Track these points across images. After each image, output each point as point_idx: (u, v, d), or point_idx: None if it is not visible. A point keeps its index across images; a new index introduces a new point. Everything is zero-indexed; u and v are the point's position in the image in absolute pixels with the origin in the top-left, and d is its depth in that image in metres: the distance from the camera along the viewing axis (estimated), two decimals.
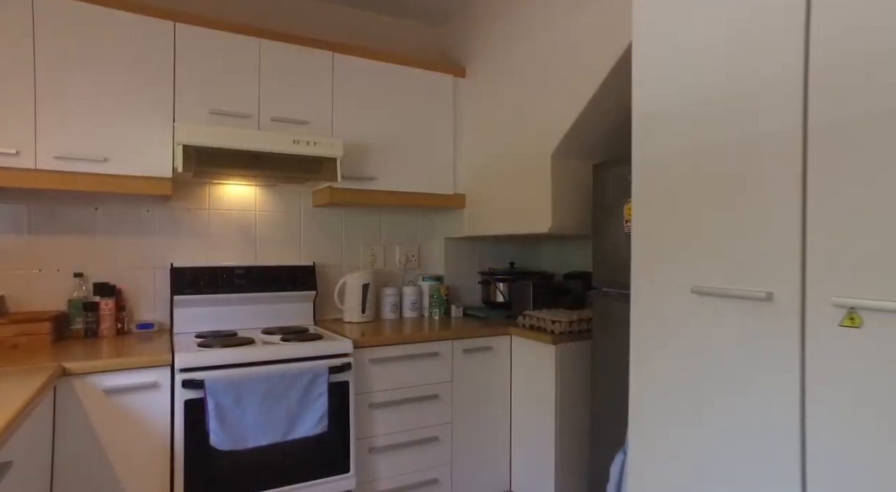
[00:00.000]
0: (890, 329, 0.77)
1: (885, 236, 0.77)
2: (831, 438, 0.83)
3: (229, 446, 1.65)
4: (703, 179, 1.05)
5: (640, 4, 1.20)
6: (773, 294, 0.91)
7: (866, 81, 0.79)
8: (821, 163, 0.86)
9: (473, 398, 2.23)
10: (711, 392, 1.01)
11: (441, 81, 2.54)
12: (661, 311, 1.13)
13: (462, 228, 2.63)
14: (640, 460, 1.16)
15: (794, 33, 0.89)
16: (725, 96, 1.01)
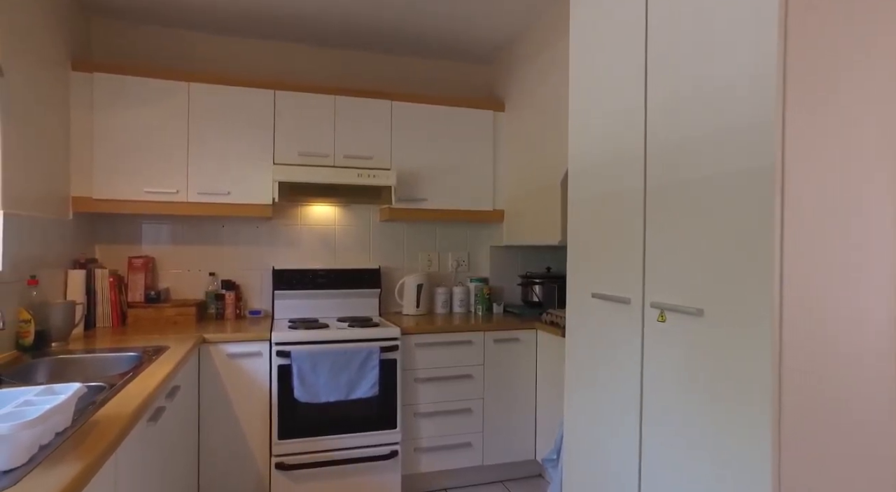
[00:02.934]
0: (680, 323, 1.16)
1: (677, 264, 1.16)
2: (653, 390, 1.22)
3: (307, 399, 2.31)
4: (599, 216, 1.46)
5: (573, 98, 1.63)
6: (630, 299, 1.32)
7: (670, 163, 1.17)
8: (651, 212, 1.26)
9: (502, 380, 2.72)
10: (602, 362, 1.43)
11: (482, 116, 3.04)
12: (579, 308, 1.56)
13: (502, 238, 3.11)
14: (568, 414, 1.58)
15: (639, 127, 1.28)
16: (610, 163, 1.42)
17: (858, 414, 1.04)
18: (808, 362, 1.00)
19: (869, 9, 1.03)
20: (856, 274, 1.03)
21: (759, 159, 1.00)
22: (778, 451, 0.97)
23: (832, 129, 1.01)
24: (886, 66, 1.05)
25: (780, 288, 0.97)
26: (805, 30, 0.99)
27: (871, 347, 1.05)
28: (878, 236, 1.05)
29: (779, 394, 0.97)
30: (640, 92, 1.33)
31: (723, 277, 1.08)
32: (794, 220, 0.99)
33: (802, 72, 0.99)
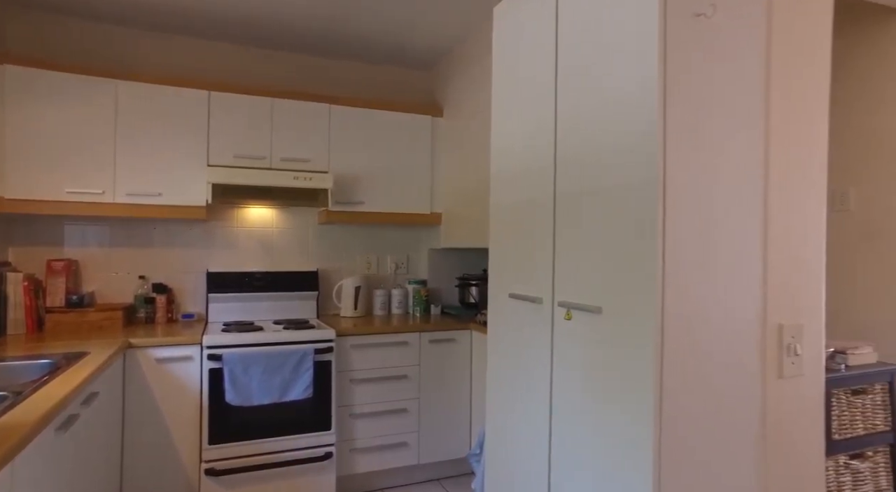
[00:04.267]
0: (583, 321, 1.26)
1: (581, 265, 1.26)
2: (561, 384, 1.31)
3: (239, 402, 2.29)
4: (516, 221, 1.56)
5: (495, 109, 1.72)
6: (542, 299, 1.42)
7: (575, 172, 1.27)
8: (560, 218, 1.36)
9: (438, 379, 2.79)
10: (518, 359, 1.52)
11: (421, 121, 3.11)
12: (498, 308, 1.64)
13: (440, 240, 3.19)
14: (490, 409, 1.66)
15: (549, 138, 1.38)
16: (525, 171, 1.52)
17: (728, 400, 1.16)
18: (686, 354, 1.11)
19: (733, 46, 1.17)
20: (727, 276, 1.16)
21: (646, 171, 1.11)
22: (658, 436, 1.08)
23: (706, 146, 1.14)
24: (751, 92, 1.19)
25: (662, 288, 1.08)
26: (681, 61, 1.11)
27: (741, 343, 1.18)
28: (746, 242, 1.18)
29: (660, 383, 1.08)
30: (551, 105, 1.43)
31: (618, 276, 1.18)
32: (673, 227, 1.10)
33: (680, 96, 1.10)
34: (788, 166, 1.24)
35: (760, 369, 1.21)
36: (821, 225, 1.29)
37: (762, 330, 1.20)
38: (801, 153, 1.25)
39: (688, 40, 1.12)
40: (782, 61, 1.22)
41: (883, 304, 2.49)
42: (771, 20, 1.21)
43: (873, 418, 1.69)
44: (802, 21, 1.25)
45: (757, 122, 1.19)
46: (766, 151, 1.20)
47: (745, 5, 1.17)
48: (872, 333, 2.51)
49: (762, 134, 1.20)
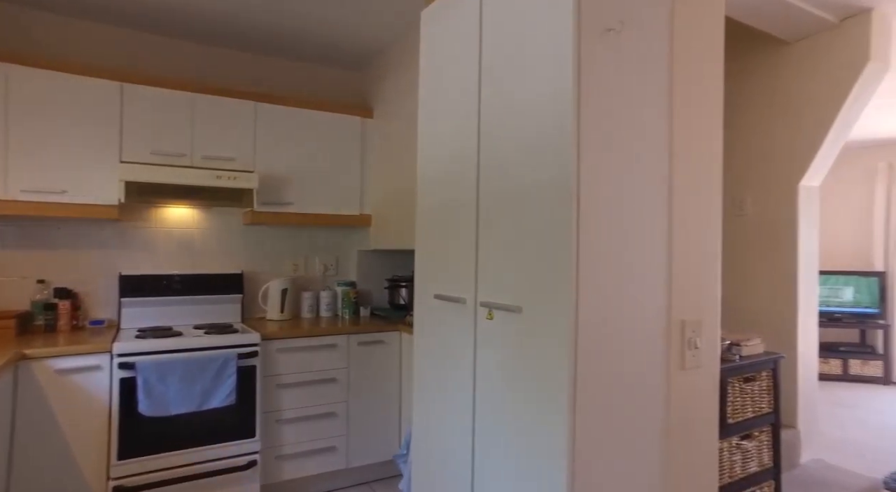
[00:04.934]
0: (505, 321, 1.31)
1: (502, 266, 1.31)
2: (483, 383, 1.35)
3: (154, 413, 2.17)
4: (441, 223, 1.59)
5: (422, 109, 1.75)
6: (465, 299, 1.46)
7: (497, 173, 1.32)
8: (483, 218, 1.41)
9: (367, 382, 2.77)
10: (444, 356, 1.56)
11: (351, 122, 3.08)
12: (424, 309, 1.67)
13: (369, 242, 3.17)
14: (415, 410, 1.67)
15: (473, 140, 1.42)
16: (450, 172, 1.56)
17: (636, 392, 1.25)
18: (599, 350, 1.18)
19: (640, 60, 1.26)
20: (636, 276, 1.24)
21: (561, 175, 1.17)
22: (573, 429, 1.14)
23: (617, 153, 1.21)
24: (656, 104, 1.28)
25: (577, 287, 1.14)
26: (593, 72, 1.18)
27: (648, 339, 1.26)
28: (653, 244, 1.27)
29: (574, 378, 1.14)
30: (475, 109, 1.47)
31: (536, 277, 1.23)
32: (586, 229, 1.16)
33: (592, 105, 1.18)
34: (689, 174, 1.34)
35: (665, 362, 1.30)
36: (717, 229, 1.41)
37: (667, 326, 1.30)
38: (700, 163, 1.37)
39: (599, 53, 1.19)
40: (682, 80, 1.33)
41: (772, 297, 2.74)
42: (672, 40, 1.31)
43: (760, 401, 1.87)
44: (699, 43, 1.36)
45: (662, 132, 1.29)
46: (670, 159, 1.30)
47: (649, 25, 1.27)
48: (763, 323, 2.77)
49: (666, 144, 1.30)
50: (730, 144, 2.95)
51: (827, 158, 2.60)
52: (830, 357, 4.94)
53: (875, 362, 4.88)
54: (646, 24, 1.26)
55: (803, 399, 2.67)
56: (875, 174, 5.23)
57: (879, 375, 4.87)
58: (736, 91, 2.93)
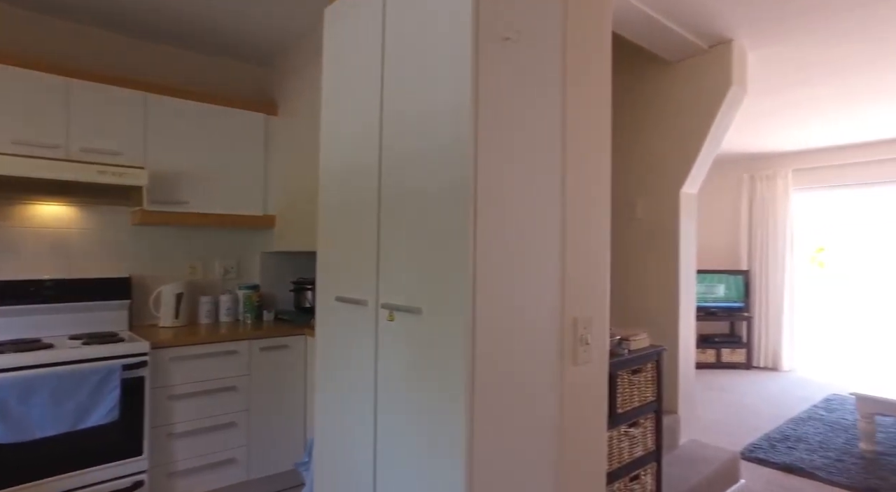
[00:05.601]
0: (405, 322, 1.33)
1: (403, 267, 1.32)
2: (385, 385, 1.36)
3: (13, 438, 1.93)
4: (343, 224, 1.58)
5: (325, 109, 1.72)
6: (367, 301, 1.46)
7: (398, 175, 1.33)
8: (384, 220, 1.41)
9: (271, 388, 2.66)
10: (346, 359, 1.54)
11: (254, 118, 2.95)
12: (325, 312, 1.65)
13: (273, 244, 3.05)
14: (318, 415, 1.64)
15: (375, 141, 1.43)
16: (353, 173, 1.55)
17: (532, 388, 1.31)
18: (496, 349, 1.23)
19: (536, 70, 1.33)
20: (531, 276, 1.30)
21: (459, 178, 1.20)
22: (471, 429, 1.17)
23: (514, 158, 1.27)
24: (551, 113, 1.36)
25: (473, 288, 1.18)
26: (492, 79, 1.23)
27: (543, 336, 1.33)
28: (548, 245, 1.34)
29: (472, 378, 1.18)
30: (377, 109, 1.47)
31: (435, 277, 1.26)
32: (483, 230, 1.21)
33: (491, 110, 1.22)
34: (581, 180, 1.44)
35: (559, 359, 1.38)
36: (606, 232, 1.52)
37: (560, 323, 1.38)
38: (591, 170, 1.47)
39: (497, 61, 1.24)
40: (575, 91, 1.42)
41: (658, 295, 3.00)
42: (565, 53, 1.39)
43: (646, 391, 2.04)
44: (589, 56, 1.46)
45: (556, 140, 1.37)
46: (563, 166, 1.39)
47: (543, 37, 1.34)
48: (651, 319, 3.02)
49: (560, 151, 1.38)
50: (623, 153, 3.18)
51: (702, 168, 2.89)
52: (706, 347, 5.50)
53: (740, 350, 5.51)
54: (540, 36, 1.34)
55: (683, 387, 2.94)
56: (741, 184, 5.90)
57: (743, 361, 5.51)
58: (629, 104, 3.18)
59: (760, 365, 5.58)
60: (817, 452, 3.21)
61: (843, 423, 3.73)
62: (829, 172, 5.43)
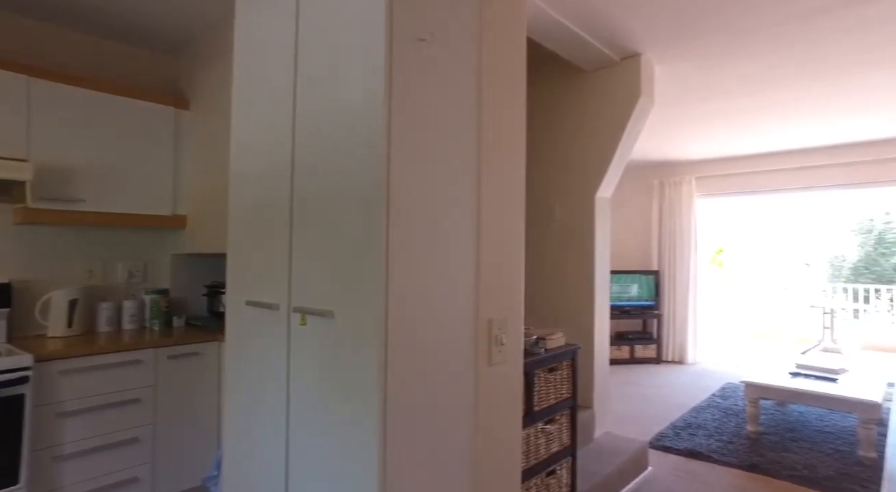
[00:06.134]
0: (318, 326, 1.28)
1: (316, 269, 1.28)
2: (298, 387, 1.31)
3: None
4: (255, 225, 1.51)
5: (236, 104, 1.64)
6: (278, 305, 1.40)
7: (311, 175, 1.29)
8: (297, 220, 1.36)
9: (180, 399, 2.49)
10: (257, 366, 1.47)
11: (162, 112, 2.75)
12: (236, 317, 1.57)
13: (184, 245, 2.86)
14: (227, 425, 1.55)
15: (288, 139, 1.37)
16: (265, 172, 1.48)
17: (447, 390, 1.31)
18: (410, 352, 1.21)
19: (451, 73, 1.33)
20: (446, 278, 1.30)
21: (371, 179, 1.17)
22: (383, 433, 1.15)
23: (429, 160, 1.27)
24: (466, 117, 1.37)
25: (386, 291, 1.16)
26: (405, 80, 1.21)
27: (459, 338, 1.34)
28: (462, 247, 1.35)
29: (385, 382, 1.16)
30: (290, 107, 1.41)
31: (348, 280, 1.22)
32: (397, 233, 1.19)
33: (404, 111, 1.21)
34: (496, 183, 1.46)
35: (474, 360, 1.39)
36: (520, 234, 1.55)
37: (475, 325, 1.39)
38: (505, 172, 1.49)
39: (411, 62, 1.23)
40: (490, 94, 1.44)
41: (574, 295, 3.13)
42: (480, 56, 1.41)
43: (561, 389, 2.11)
44: (504, 59, 1.49)
45: (471, 142, 1.38)
46: (478, 168, 1.40)
47: (458, 40, 1.35)
48: (569, 318, 3.14)
49: (475, 153, 1.39)
50: (543, 157, 3.29)
51: (615, 173, 3.05)
52: (621, 344, 5.81)
53: (652, 346, 5.87)
54: (455, 39, 1.34)
55: (598, 382, 3.08)
56: (652, 190, 6.30)
57: (654, 356, 5.87)
58: (548, 110, 3.29)
59: (669, 359, 5.97)
60: (713, 436, 3.48)
61: (735, 408, 4.07)
62: (727, 181, 5.92)
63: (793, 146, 5.20)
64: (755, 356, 6.23)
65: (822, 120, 4.21)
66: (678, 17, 2.42)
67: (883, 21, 2.43)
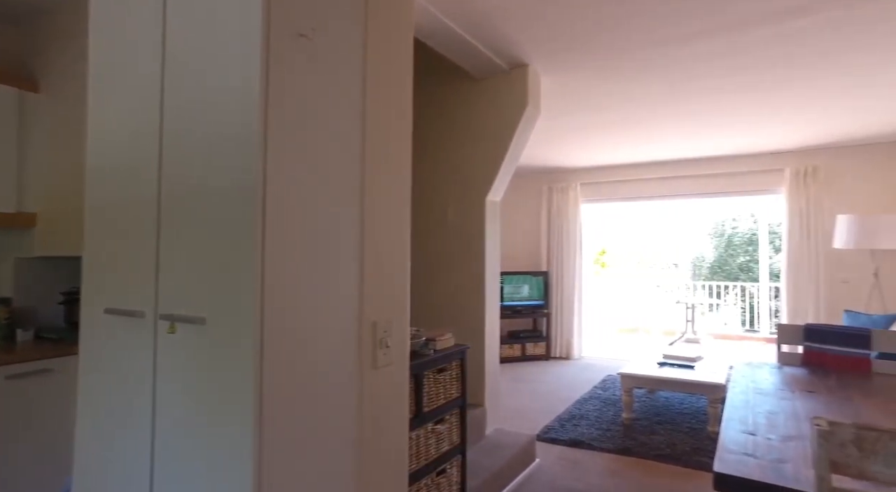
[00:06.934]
0: (188, 334, 1.18)
1: (187, 273, 1.18)
2: (165, 401, 1.19)
3: None
4: (116, 224, 1.36)
5: (92, 91, 1.47)
6: (143, 312, 1.27)
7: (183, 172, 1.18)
8: (165, 221, 1.25)
9: (22, 425, 2.17)
10: (118, 380, 1.32)
11: (3, 93, 2.39)
12: (92, 327, 1.40)
13: (33, 247, 2.51)
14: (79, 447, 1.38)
15: (155, 133, 1.26)
16: (128, 167, 1.34)
17: (330, 397, 1.27)
18: (290, 358, 1.16)
19: (334, 72, 1.30)
20: (329, 281, 1.27)
21: (247, 177, 1.11)
22: (259, 444, 1.09)
23: (311, 160, 1.22)
24: (351, 117, 1.35)
25: (262, 294, 1.10)
26: (284, 76, 1.16)
27: (342, 343, 1.30)
28: (346, 249, 1.32)
29: (260, 390, 1.09)
30: (157, 98, 1.29)
31: (221, 284, 1.14)
32: (275, 234, 1.13)
33: (284, 108, 1.15)
34: (381, 184, 1.44)
35: (358, 364, 1.36)
36: (406, 235, 1.55)
37: (359, 328, 1.36)
38: (391, 173, 1.48)
39: (291, 57, 1.18)
40: (375, 95, 1.43)
41: (467, 296, 3.20)
42: (366, 55, 1.39)
43: (451, 389, 2.14)
44: (390, 59, 1.48)
45: (355, 142, 1.35)
46: (362, 168, 1.38)
47: (343, 38, 1.32)
48: (461, 319, 3.21)
49: (359, 153, 1.37)
50: (436, 160, 3.33)
51: (504, 178, 3.17)
52: (513, 343, 6.06)
53: (542, 343, 6.20)
54: (339, 37, 1.31)
55: (489, 381, 3.18)
56: (541, 195, 6.66)
57: (544, 353, 6.20)
58: (442, 114, 3.34)
59: (557, 355, 6.34)
60: (594, 425, 3.75)
61: (614, 398, 4.42)
62: (608, 187, 6.43)
63: (660, 158, 5.77)
64: (632, 349, 6.81)
65: (683, 136, 4.72)
66: (561, 35, 2.57)
67: (723, 56, 2.77)
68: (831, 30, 2.50)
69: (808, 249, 5.15)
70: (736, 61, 2.91)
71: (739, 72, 3.07)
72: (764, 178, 5.53)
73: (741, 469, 1.23)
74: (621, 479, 2.93)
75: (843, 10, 2.31)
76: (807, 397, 1.81)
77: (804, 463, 1.24)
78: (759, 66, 2.98)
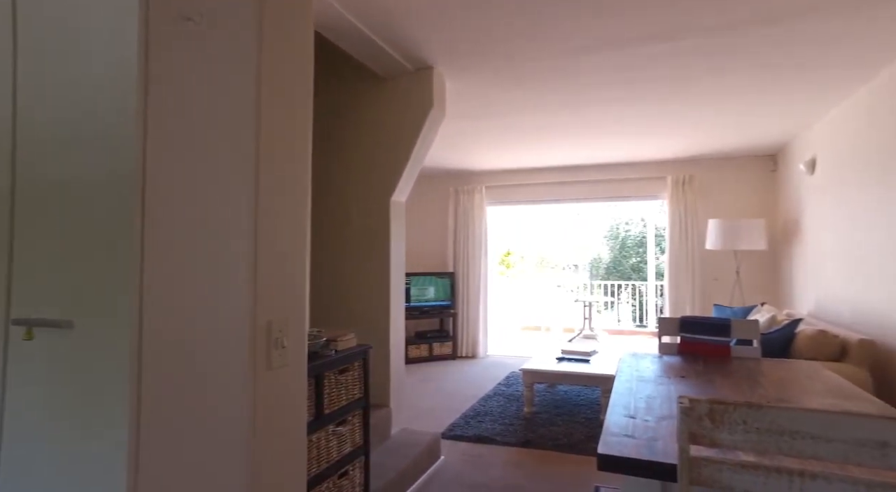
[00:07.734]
0: (50, 339, 1.07)
1: (44, 274, 1.06)
2: (18, 421, 1.07)
3: None
4: None
5: None
6: None
7: (45, 162, 1.07)
8: (22, 215, 1.12)
9: None
10: None
11: None
12: None
13: None
14: None
15: (7, 118, 1.13)
16: None
17: (220, 400, 1.21)
18: (172, 362, 1.08)
19: (225, 61, 1.24)
20: (218, 279, 1.20)
21: (122, 168, 1.02)
22: (135, 456, 1.01)
23: (198, 152, 1.15)
24: (243, 109, 1.29)
25: (140, 294, 1.02)
26: (166, 60, 1.09)
27: (233, 343, 1.24)
28: (237, 247, 1.26)
29: (138, 397, 1.01)
30: (9, 77, 1.15)
31: (92, 283, 1.04)
32: (156, 230, 1.05)
33: (165, 96, 1.08)
34: (277, 180, 1.39)
35: (251, 365, 1.30)
36: (305, 232, 1.51)
37: (252, 328, 1.31)
38: (288, 168, 1.44)
39: (175, 41, 1.10)
40: (272, 87, 1.37)
41: (371, 296, 3.18)
42: (262, 45, 1.34)
43: (353, 389, 2.12)
44: (288, 52, 1.43)
45: (249, 135, 1.30)
46: (256, 163, 1.32)
47: (235, 27, 1.26)
48: (365, 320, 3.18)
49: (253, 147, 1.31)
50: (341, 159, 3.28)
51: (409, 179, 3.19)
52: (420, 343, 6.10)
53: (448, 343, 6.30)
54: (232, 26, 1.25)
55: (394, 381, 3.17)
56: (448, 197, 6.79)
57: (450, 352, 6.31)
58: (348, 112, 3.29)
59: (464, 355, 6.47)
60: (497, 421, 3.87)
61: (517, 394, 4.60)
62: (512, 190, 6.69)
63: (559, 163, 6.11)
64: (534, 346, 7.12)
65: (581, 143, 5.04)
66: (465, 39, 2.64)
67: (616, 69, 3.00)
68: (702, 55, 2.80)
69: (687, 250, 5.71)
70: (626, 75, 3.16)
71: (629, 85, 3.33)
72: (650, 184, 6.05)
73: (621, 450, 1.33)
74: (522, 470, 3.06)
75: (705, 39, 2.60)
76: (679, 382, 2.00)
77: (672, 439, 1.37)
78: (647, 81, 3.26)
